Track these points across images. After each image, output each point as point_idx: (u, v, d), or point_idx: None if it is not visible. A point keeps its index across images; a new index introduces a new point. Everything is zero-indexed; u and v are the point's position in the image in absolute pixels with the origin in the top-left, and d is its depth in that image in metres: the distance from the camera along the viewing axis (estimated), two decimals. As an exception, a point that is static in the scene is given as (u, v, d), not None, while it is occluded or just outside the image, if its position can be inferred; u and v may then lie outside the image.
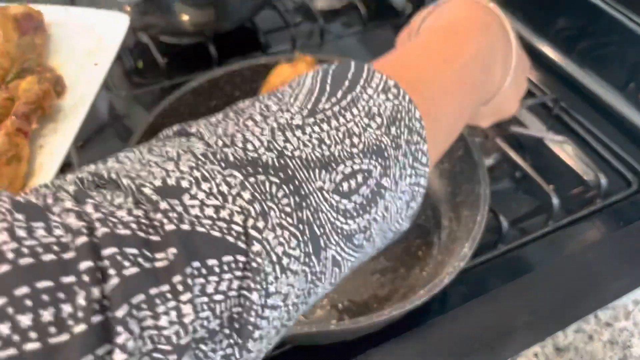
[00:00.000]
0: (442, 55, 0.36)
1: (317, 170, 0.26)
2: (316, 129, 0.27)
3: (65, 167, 0.64)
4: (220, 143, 0.25)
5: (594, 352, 0.48)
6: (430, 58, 0.35)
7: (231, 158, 0.24)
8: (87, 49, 0.61)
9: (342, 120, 0.28)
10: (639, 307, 0.51)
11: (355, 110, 0.28)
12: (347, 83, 0.29)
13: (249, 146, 0.25)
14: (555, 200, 0.58)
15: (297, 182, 0.25)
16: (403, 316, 0.47)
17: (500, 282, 0.52)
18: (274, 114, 0.27)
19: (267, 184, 0.24)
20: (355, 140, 0.27)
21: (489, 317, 0.49)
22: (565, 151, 0.67)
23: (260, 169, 0.24)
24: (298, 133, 0.26)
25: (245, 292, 0.23)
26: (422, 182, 0.31)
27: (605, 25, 0.72)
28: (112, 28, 0.61)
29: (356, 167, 0.27)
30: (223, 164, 0.24)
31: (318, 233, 0.25)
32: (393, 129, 0.29)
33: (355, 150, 0.27)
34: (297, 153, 0.26)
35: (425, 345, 0.47)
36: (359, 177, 0.27)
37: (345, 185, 0.26)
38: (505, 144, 0.64)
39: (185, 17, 0.73)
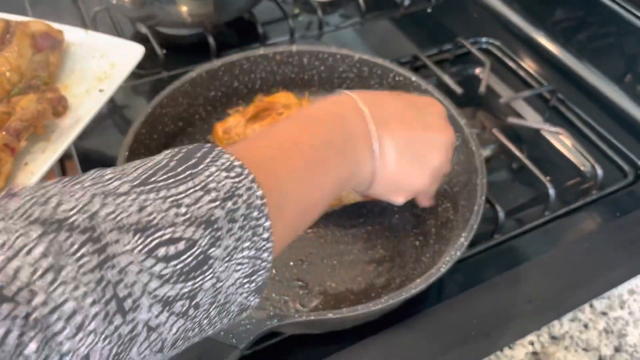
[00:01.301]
0: (290, 138, 0.40)
1: (130, 234, 0.27)
2: (141, 197, 0.28)
3: (66, 161, 0.64)
4: (32, 201, 0.27)
5: (589, 340, 0.48)
6: (278, 141, 0.39)
7: (36, 215, 0.26)
8: (98, 74, 0.63)
9: (173, 191, 0.29)
10: (634, 296, 0.51)
11: (190, 184, 0.30)
12: (193, 160, 0.31)
13: (61, 208, 0.26)
14: (551, 191, 0.59)
15: (103, 243, 0.26)
16: (400, 305, 0.47)
17: (497, 271, 0.52)
18: (103, 182, 0.29)
19: (68, 242, 0.25)
20: (183, 210, 0.29)
21: (485, 306, 0.49)
22: (562, 142, 0.67)
23: (64, 228, 0.26)
24: (118, 200, 0.28)
25: (24, 344, 0.23)
26: (265, 256, 0.32)
27: (603, 16, 0.73)
28: (126, 57, 0.63)
29: (177, 235, 0.28)
30: (27, 221, 0.26)
31: (125, 294, 0.26)
32: (229, 204, 0.30)
33: (179, 219, 0.29)
34: (110, 217, 0.27)
35: (422, 333, 0.47)
36: (180, 245, 0.28)
37: (162, 250, 0.27)
38: (502, 135, 0.64)
39: (184, 8, 0.73)
